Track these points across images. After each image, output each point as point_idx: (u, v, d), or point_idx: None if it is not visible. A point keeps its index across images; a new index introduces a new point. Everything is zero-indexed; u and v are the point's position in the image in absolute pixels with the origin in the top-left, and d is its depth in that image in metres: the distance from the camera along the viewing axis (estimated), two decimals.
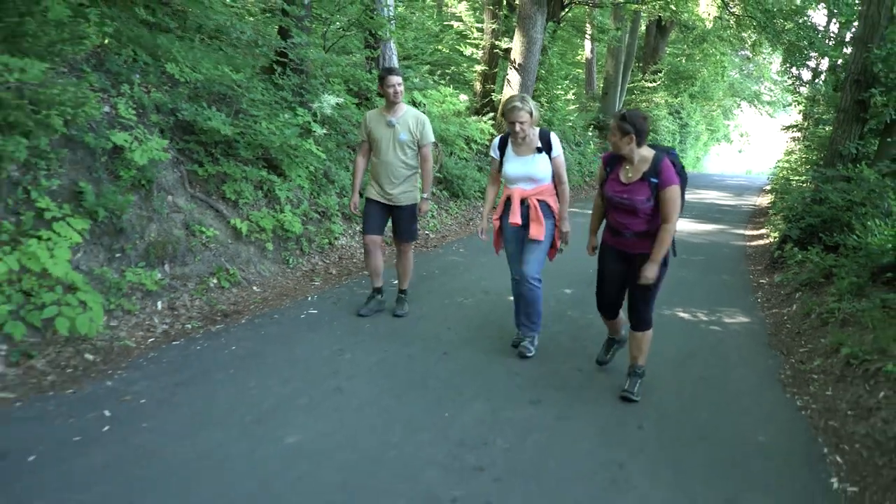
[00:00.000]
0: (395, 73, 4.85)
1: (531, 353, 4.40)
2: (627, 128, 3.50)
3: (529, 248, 4.28)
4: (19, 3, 4.07)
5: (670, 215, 3.51)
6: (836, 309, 5.09)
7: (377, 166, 4.98)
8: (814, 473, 3.13)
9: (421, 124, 4.94)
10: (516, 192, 4.26)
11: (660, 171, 3.50)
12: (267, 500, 2.67)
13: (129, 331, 4.43)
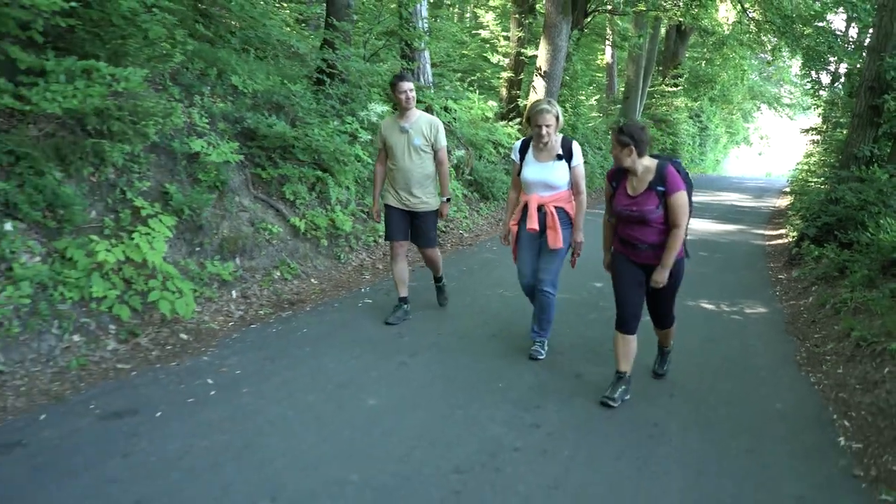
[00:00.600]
0: (407, 80, 4.86)
1: (542, 356, 4.46)
2: (625, 140, 3.54)
3: (547, 257, 4.32)
4: (124, 25, 4.65)
5: (679, 220, 3.55)
6: (849, 299, 5.54)
7: (394, 173, 5.01)
8: (824, 433, 3.61)
9: (435, 129, 4.95)
10: (534, 199, 4.30)
11: (665, 178, 3.54)
12: (364, 445, 3.20)
13: (211, 315, 4.99)
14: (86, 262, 4.33)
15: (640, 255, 3.73)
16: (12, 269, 3.98)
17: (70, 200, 4.43)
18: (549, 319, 4.47)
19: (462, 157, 10.31)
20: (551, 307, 4.40)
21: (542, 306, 4.39)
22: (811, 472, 3.18)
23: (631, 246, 3.75)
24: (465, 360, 4.43)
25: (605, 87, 23.00)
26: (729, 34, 21.12)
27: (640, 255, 3.73)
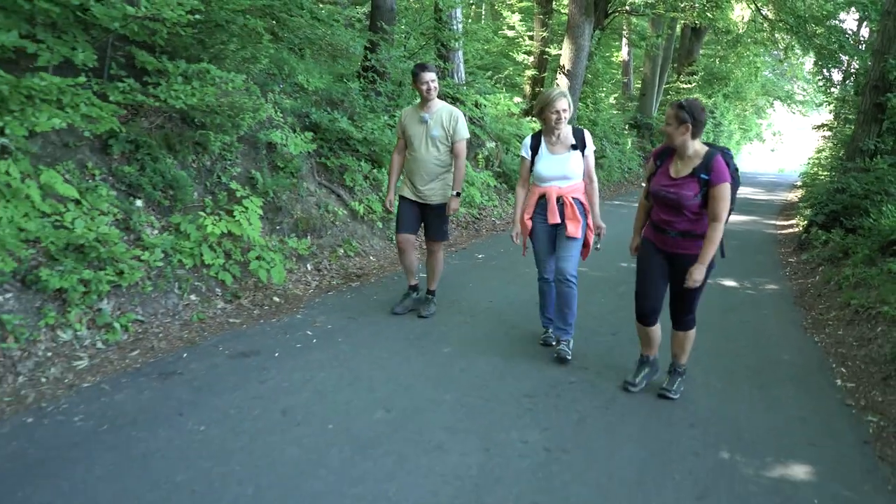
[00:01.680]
0: (429, 70, 4.78)
1: (569, 357, 4.32)
2: (685, 116, 3.33)
3: (567, 246, 4.24)
4: (222, 33, 5.43)
5: (720, 213, 3.35)
6: (850, 275, 6.25)
7: (410, 163, 4.97)
8: (823, 377, 4.34)
9: (454, 120, 4.84)
10: (552, 191, 4.21)
11: (711, 167, 3.34)
12: (448, 378, 3.96)
13: (293, 284, 5.77)
14: (196, 235, 5.12)
15: (668, 241, 3.57)
16: (142, 239, 4.78)
17: (182, 182, 5.22)
18: (574, 312, 4.37)
19: (492, 150, 11.04)
20: (574, 299, 4.32)
21: (567, 299, 4.30)
22: (812, 402, 3.91)
23: (660, 231, 3.59)
24: (520, 318, 5.18)
25: (622, 83, 23.61)
26: (743, 32, 21.70)
27: (668, 242, 3.57)
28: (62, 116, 3.99)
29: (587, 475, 2.95)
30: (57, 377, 3.66)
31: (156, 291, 4.67)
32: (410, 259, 5.17)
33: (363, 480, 2.82)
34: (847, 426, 3.62)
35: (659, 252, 3.67)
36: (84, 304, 4.15)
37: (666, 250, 3.62)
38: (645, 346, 3.96)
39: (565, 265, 4.25)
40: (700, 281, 3.46)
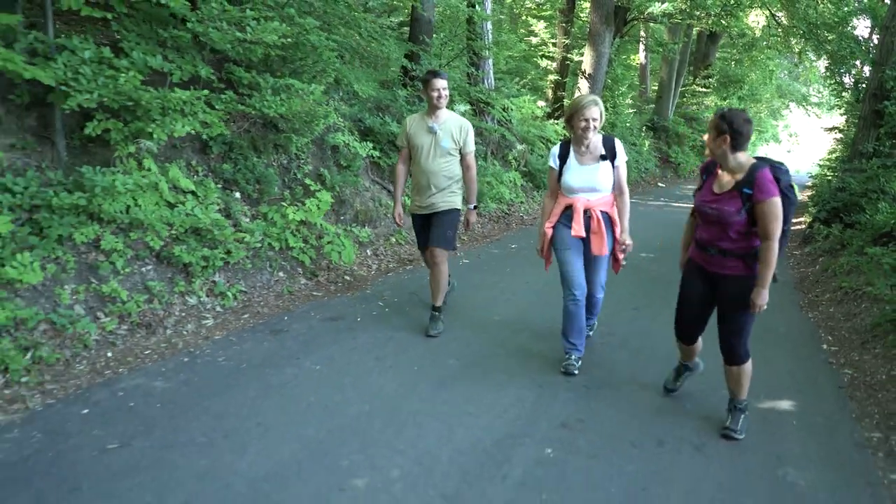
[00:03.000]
0: (441, 77, 4.63)
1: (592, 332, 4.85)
2: (723, 126, 3.14)
3: (593, 267, 4.22)
4: (298, 51, 6.36)
5: (771, 231, 3.09)
6: (845, 263, 7.08)
7: (417, 175, 4.81)
8: (812, 343, 5.20)
9: (465, 132, 4.73)
10: (579, 202, 4.05)
11: (755, 181, 3.09)
12: (511, 332, 4.86)
13: (358, 266, 6.70)
14: (281, 223, 6.06)
15: (711, 260, 3.38)
16: (240, 225, 5.72)
17: (268, 178, 6.17)
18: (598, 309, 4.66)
19: (521, 151, 11.93)
20: (600, 302, 4.58)
21: (593, 306, 4.54)
22: (800, 360, 4.77)
23: (702, 249, 3.42)
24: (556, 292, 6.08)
25: (639, 87, 24.39)
26: (758, 37, 22.41)
27: (710, 261, 3.38)
28: (189, 123, 4.94)
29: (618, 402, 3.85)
30: (193, 331, 4.61)
31: (254, 268, 5.61)
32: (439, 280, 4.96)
33: (448, 403, 3.73)
34: (827, 378, 4.48)
35: (700, 276, 3.49)
36: (203, 276, 5.10)
37: (710, 270, 3.41)
38: (684, 356, 3.89)
39: (594, 286, 4.33)
40: (762, 305, 3.23)
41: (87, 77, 4.28)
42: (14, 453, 2.94)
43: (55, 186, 4.45)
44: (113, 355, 4.08)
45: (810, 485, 3.02)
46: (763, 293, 3.20)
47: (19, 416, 3.29)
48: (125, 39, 4.86)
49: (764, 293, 3.20)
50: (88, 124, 4.52)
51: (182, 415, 3.39)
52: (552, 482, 2.95)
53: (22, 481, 2.73)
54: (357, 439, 3.23)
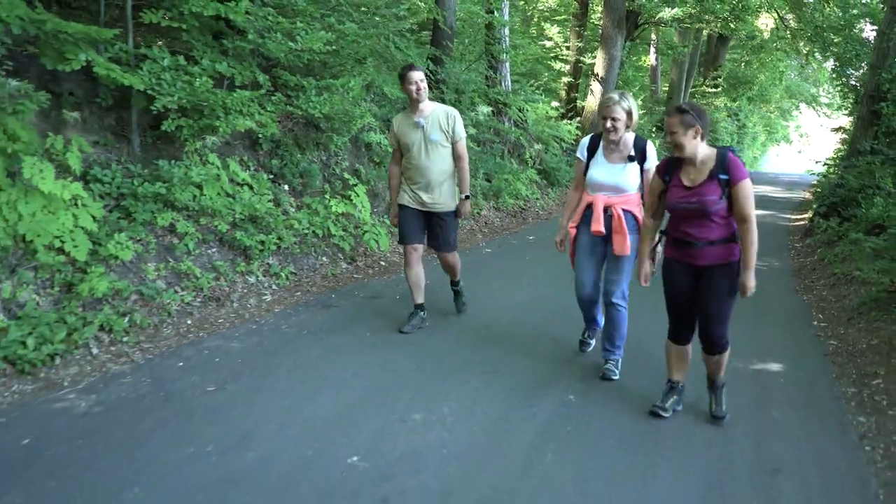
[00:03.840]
0: (417, 69, 4.48)
1: (616, 377, 4.06)
2: (691, 120, 3.13)
3: (614, 267, 3.98)
4: (337, 56, 7.00)
5: (749, 211, 3.16)
6: (839, 252, 7.65)
7: (410, 172, 4.68)
8: (805, 321, 5.78)
9: (452, 119, 4.58)
10: (600, 199, 3.91)
11: (728, 166, 3.15)
12: (525, 319, 5.47)
13: (391, 253, 7.33)
14: (323, 213, 6.70)
15: (696, 254, 3.32)
16: (288, 214, 6.37)
17: (311, 173, 6.82)
18: (623, 335, 4.08)
19: (538, 150, 12.56)
20: (623, 321, 4.03)
21: (614, 321, 4.02)
22: (791, 334, 5.36)
23: (687, 245, 3.34)
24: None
25: (649, 88, 24.91)
26: (767, 39, 22.90)
27: (696, 255, 3.32)
28: (249, 121, 5.58)
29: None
30: (255, 305, 5.26)
31: (301, 253, 6.25)
32: (417, 272, 4.85)
33: (483, 363, 4.34)
34: (814, 348, 5.07)
35: (685, 272, 3.42)
36: (260, 258, 5.75)
37: (694, 264, 3.36)
38: (675, 371, 3.66)
39: (612, 288, 3.97)
40: (753, 289, 3.26)
41: (168, 82, 4.94)
42: (133, 392, 3.59)
43: (135, 178, 5.11)
44: (192, 322, 4.73)
45: (790, 422, 3.62)
46: (751, 276, 3.23)
47: (127, 367, 3.94)
48: (195, 49, 5.52)
49: (752, 276, 3.23)
50: (164, 122, 5.16)
51: (261, 368, 4.03)
52: (576, 418, 3.57)
53: (146, 412, 3.38)
54: (412, 386, 3.86)
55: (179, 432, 3.18)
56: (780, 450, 3.31)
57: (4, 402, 3.40)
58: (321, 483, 2.81)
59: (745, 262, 3.24)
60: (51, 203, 4.35)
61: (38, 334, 3.83)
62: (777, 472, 3.09)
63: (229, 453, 3.00)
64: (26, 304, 4.00)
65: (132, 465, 2.85)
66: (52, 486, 2.68)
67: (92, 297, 4.32)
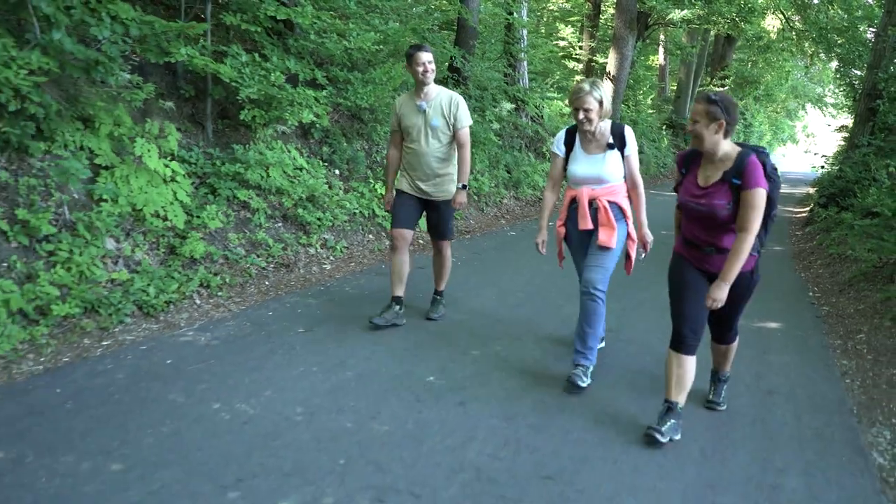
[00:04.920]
0: (425, 50, 4.32)
1: (584, 384, 3.61)
2: (717, 112, 2.87)
3: (596, 255, 3.72)
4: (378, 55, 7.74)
5: (749, 223, 2.88)
6: (836, 237, 8.36)
7: (409, 157, 4.53)
8: (801, 293, 6.50)
9: (455, 106, 4.40)
10: (584, 192, 3.71)
11: (744, 170, 2.87)
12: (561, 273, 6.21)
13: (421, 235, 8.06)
14: (368, 195, 7.45)
15: (704, 259, 3.13)
16: (339, 194, 7.11)
17: (358, 159, 7.56)
18: (597, 333, 3.72)
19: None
20: (600, 317, 3.70)
21: (589, 315, 3.68)
22: (789, 303, 6.07)
23: (695, 248, 3.15)
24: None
25: (658, 86, 25.59)
26: (773, 40, 23.57)
27: (704, 260, 3.13)
28: (310, 114, 6.32)
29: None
30: (318, 272, 6.01)
31: (351, 230, 7.00)
32: (402, 261, 4.62)
33: (526, 311, 5.08)
34: (809, 312, 5.79)
35: (696, 269, 3.20)
36: (318, 233, 6.49)
37: (703, 268, 3.15)
38: (674, 389, 3.17)
39: (591, 275, 3.68)
40: (719, 303, 2.99)
41: (248, 75, 5.69)
42: (239, 331, 4.34)
43: (215, 160, 5.87)
44: (269, 284, 5.48)
45: (785, 363, 4.34)
46: (723, 289, 2.96)
47: (227, 314, 4.70)
48: (265, 47, 6.27)
49: (724, 288, 2.96)
50: (242, 112, 5.91)
51: (338, 316, 4.77)
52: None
53: (255, 344, 4.12)
54: (466, 330, 4.60)
55: (287, 359, 3.92)
56: (775, 380, 4.04)
57: (140, 336, 4.16)
58: (406, 394, 3.55)
59: (724, 271, 2.96)
60: (153, 178, 5.10)
61: (155, 286, 4.58)
62: (772, 393, 3.82)
63: (331, 372, 3.75)
64: (141, 261, 4.76)
65: (258, 379, 3.60)
66: (202, 388, 3.44)
67: (190, 258, 5.08)
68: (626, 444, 3.10)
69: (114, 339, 4.07)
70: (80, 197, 4.69)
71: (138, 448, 2.81)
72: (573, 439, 3.12)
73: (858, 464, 3.06)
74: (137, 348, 3.95)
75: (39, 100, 4.25)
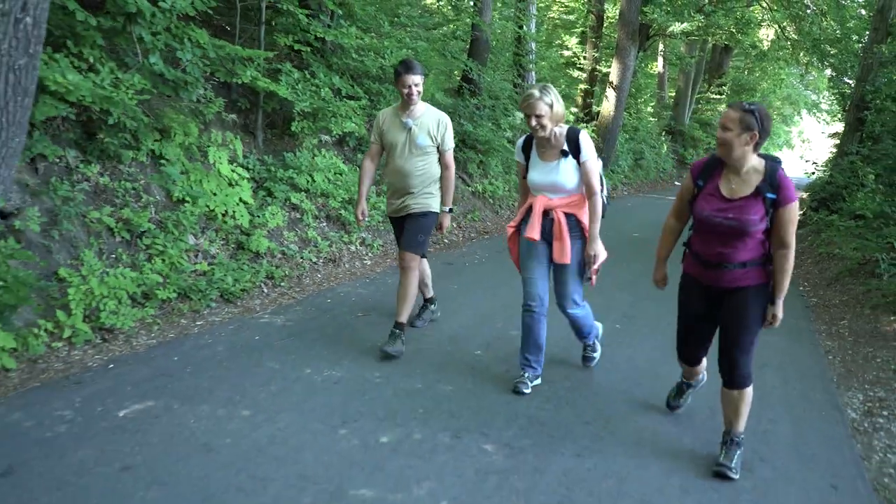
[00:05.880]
0: (415, 72, 4.13)
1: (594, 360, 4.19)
2: (752, 122, 2.73)
3: (563, 279, 3.72)
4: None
5: (791, 237, 2.83)
6: (825, 238, 9.09)
7: (390, 174, 4.41)
8: (793, 287, 6.99)
9: (443, 127, 4.31)
10: (539, 201, 3.63)
11: (778, 184, 2.78)
12: None
13: (452, 234, 8.77)
14: None
15: (725, 277, 2.96)
16: (372, 197, 7.80)
17: None
18: (590, 326, 3.99)
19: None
20: (585, 318, 3.89)
21: (575, 323, 3.90)
22: None
23: (713, 267, 2.98)
24: None
25: (657, 93, 26.35)
26: (768, 49, 24.36)
27: (725, 278, 2.97)
28: (351, 124, 7.02)
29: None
30: (361, 266, 6.71)
31: (385, 230, 7.70)
32: (422, 271, 4.72)
33: None
34: (800, 302, 6.51)
35: (705, 296, 3.10)
36: (357, 232, 7.19)
37: (719, 286, 3.00)
38: (687, 375, 3.53)
39: (562, 299, 3.75)
40: (780, 318, 2.99)
41: (300, 91, 6.39)
42: (306, 315, 5.04)
43: (269, 166, 6.57)
44: (321, 276, 6.18)
45: (777, 343, 5.03)
46: (781, 304, 2.96)
47: (293, 301, 5.39)
48: (311, 65, 6.98)
49: (781, 305, 2.96)
50: (293, 123, 6.61)
51: (389, 304, 5.44)
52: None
53: (325, 325, 4.81)
54: (504, 314, 5.30)
55: (357, 334, 4.62)
56: (768, 356, 4.73)
57: (225, 318, 4.85)
58: (461, 363, 4.24)
59: (777, 289, 2.93)
60: (221, 182, 5.80)
61: (231, 276, 5.27)
62: (765, 366, 4.51)
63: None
64: (217, 255, 5.46)
65: (336, 351, 4.29)
66: (291, 358, 4.13)
67: (255, 253, 5.78)
68: (649, 406, 3.80)
69: (205, 320, 4.76)
70: (161, 199, 5.38)
71: (256, 400, 3.50)
72: (603, 395, 3.82)
73: (836, 417, 3.77)
74: (226, 327, 4.64)
75: (133, 115, 4.95)
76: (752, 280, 2.93)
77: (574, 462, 3.08)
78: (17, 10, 3.57)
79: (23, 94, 3.75)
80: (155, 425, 3.16)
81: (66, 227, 4.45)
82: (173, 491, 2.65)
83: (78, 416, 3.20)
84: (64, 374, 3.70)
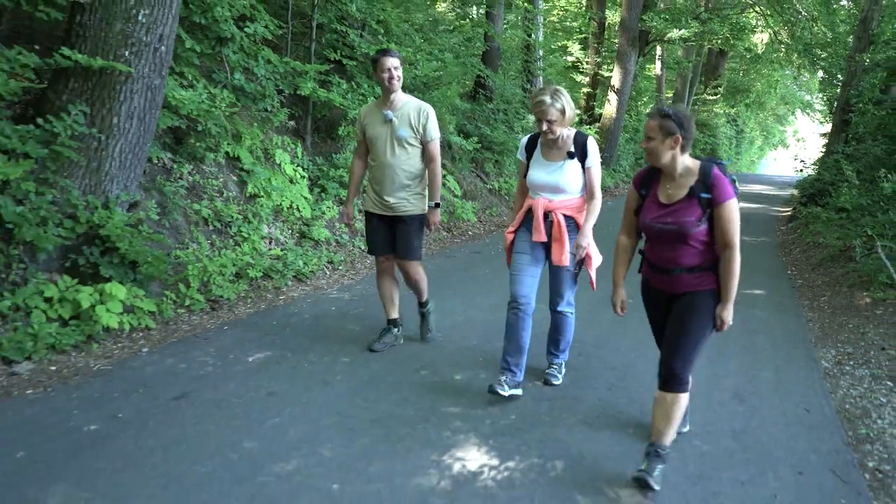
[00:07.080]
0: (392, 55, 4.03)
1: (558, 381, 3.99)
2: (672, 127, 2.74)
3: (558, 279, 3.79)
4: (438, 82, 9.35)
5: (733, 237, 2.78)
6: (812, 229, 10.02)
7: (374, 170, 4.26)
8: (782, 272, 8.13)
9: (424, 116, 4.15)
10: (540, 203, 3.64)
11: (711, 183, 2.77)
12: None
13: (473, 227, 9.66)
14: None
15: (673, 282, 2.98)
16: None
17: None
18: (568, 340, 4.01)
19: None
20: (569, 327, 3.94)
21: (559, 328, 3.93)
22: (772, 278, 7.70)
23: (663, 272, 3.00)
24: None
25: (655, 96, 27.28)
26: (762, 53, 25.30)
27: (673, 283, 2.98)
28: None
29: None
30: None
31: None
32: (389, 285, 4.54)
33: None
34: (786, 284, 7.43)
35: (659, 300, 3.13)
36: None
37: (670, 291, 3.02)
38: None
39: (555, 298, 3.84)
40: (729, 322, 2.92)
41: (349, 99, 7.29)
42: (367, 293, 5.91)
43: (320, 165, 7.46)
44: (369, 262, 7.07)
45: (766, 315, 5.93)
46: (730, 308, 2.90)
47: (353, 281, 6.28)
48: (355, 76, 7.89)
49: (730, 308, 2.90)
50: (339, 128, 7.51)
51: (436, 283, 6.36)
52: None
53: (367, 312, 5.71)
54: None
55: (412, 308, 5.52)
56: (758, 324, 5.64)
57: (302, 294, 5.75)
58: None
59: (724, 292, 2.88)
60: (284, 180, 6.70)
61: (301, 259, 6.17)
62: (756, 332, 5.42)
63: (446, 315, 5.32)
64: (286, 242, 6.35)
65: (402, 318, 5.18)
66: (367, 322, 5.02)
67: (315, 241, 6.67)
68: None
69: (286, 295, 5.66)
70: (236, 194, 6.27)
71: (353, 352, 4.40)
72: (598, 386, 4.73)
73: (811, 366, 4.68)
74: (305, 301, 5.54)
75: (218, 123, 5.84)
76: (703, 285, 2.92)
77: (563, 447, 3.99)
78: (156, 41, 4.47)
79: (156, 108, 4.65)
80: (280, 367, 4.07)
81: (174, 217, 5.34)
82: (308, 410, 3.54)
83: (217, 361, 4.10)
84: (191, 333, 4.60)
